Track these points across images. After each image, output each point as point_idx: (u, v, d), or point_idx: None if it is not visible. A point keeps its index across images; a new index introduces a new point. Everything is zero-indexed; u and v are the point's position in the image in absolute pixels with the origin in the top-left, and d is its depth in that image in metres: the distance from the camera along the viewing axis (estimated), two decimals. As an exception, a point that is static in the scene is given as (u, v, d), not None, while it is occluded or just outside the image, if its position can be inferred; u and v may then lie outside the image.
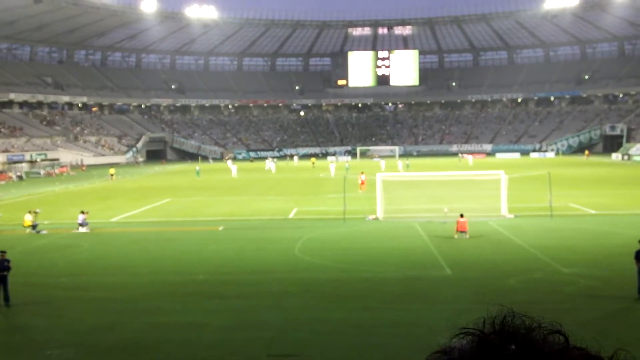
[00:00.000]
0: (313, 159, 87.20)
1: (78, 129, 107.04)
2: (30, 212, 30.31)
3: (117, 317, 16.11)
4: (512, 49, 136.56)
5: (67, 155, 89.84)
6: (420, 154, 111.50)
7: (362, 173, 47.81)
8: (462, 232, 25.71)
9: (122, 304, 17.42)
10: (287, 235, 27.63)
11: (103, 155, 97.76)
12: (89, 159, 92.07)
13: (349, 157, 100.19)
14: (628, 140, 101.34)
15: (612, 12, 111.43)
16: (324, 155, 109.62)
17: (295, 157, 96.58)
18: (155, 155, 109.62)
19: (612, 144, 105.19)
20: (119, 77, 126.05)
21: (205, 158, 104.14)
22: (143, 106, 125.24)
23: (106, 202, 43.15)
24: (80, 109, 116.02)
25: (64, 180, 65.13)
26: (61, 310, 16.91)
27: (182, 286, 19.19)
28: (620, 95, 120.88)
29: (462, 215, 26.09)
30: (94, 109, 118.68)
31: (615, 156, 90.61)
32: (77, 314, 16.56)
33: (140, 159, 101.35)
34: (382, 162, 74.19)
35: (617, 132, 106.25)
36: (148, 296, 18.17)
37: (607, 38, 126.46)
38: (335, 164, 71.34)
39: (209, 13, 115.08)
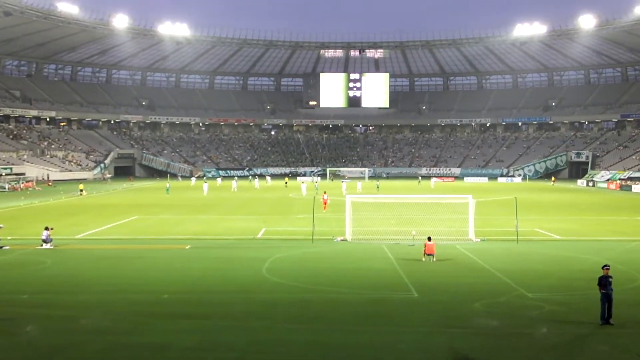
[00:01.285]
0: (286, 179, 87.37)
1: (45, 143, 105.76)
2: (-8, 227, 29.75)
3: (79, 336, 15.82)
4: (481, 75, 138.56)
5: (33, 170, 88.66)
6: (389, 176, 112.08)
7: (325, 193, 48.12)
8: (429, 255, 25.86)
9: (85, 322, 17.13)
10: (255, 255, 27.48)
11: (70, 170, 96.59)
12: (56, 174, 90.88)
13: (319, 178, 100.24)
14: (593, 167, 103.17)
15: (578, 41, 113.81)
16: (293, 175, 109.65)
17: (268, 177, 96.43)
18: (123, 171, 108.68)
19: (577, 170, 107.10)
20: (89, 93, 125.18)
21: (174, 176, 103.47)
22: (112, 122, 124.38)
23: (72, 218, 42.55)
24: (48, 123, 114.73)
25: (29, 195, 64.17)
26: (22, 328, 16.58)
27: (147, 305, 18.93)
28: (586, 123, 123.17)
29: (429, 239, 26.29)
30: (62, 123, 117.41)
31: (581, 182, 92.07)
32: (38, 332, 16.26)
33: (108, 175, 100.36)
34: (359, 184, 74.76)
35: (583, 158, 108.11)
36: (111, 315, 17.87)
37: (573, 66, 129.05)
38: (307, 184, 71.50)
39: (181, 31, 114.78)
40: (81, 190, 65.58)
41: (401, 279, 22.62)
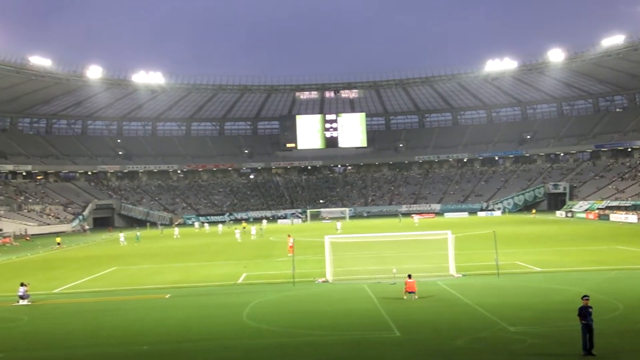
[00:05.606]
0: (244, 223, 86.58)
1: (22, 198, 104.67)
2: (-33, 285, 29.22)
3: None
4: (455, 111, 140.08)
5: (11, 226, 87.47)
6: (370, 215, 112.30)
7: (290, 236, 47.37)
8: (410, 292, 25.74)
9: (62, 379, 16.76)
10: (236, 300, 27.22)
11: (48, 224, 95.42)
12: (34, 228, 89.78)
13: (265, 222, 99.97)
14: (571, 198, 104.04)
15: (549, 74, 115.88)
16: (274, 218, 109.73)
17: (264, 221, 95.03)
18: (102, 222, 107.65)
19: (556, 202, 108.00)
20: (65, 145, 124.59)
21: (153, 224, 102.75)
22: (90, 173, 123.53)
23: (49, 272, 41.95)
24: (24, 177, 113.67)
25: (7, 251, 63.27)
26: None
27: (125, 358, 18.60)
28: (561, 154, 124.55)
29: (409, 276, 26.19)
30: (39, 177, 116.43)
31: (559, 213, 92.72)
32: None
33: (87, 227, 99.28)
34: (339, 224, 74.96)
35: (560, 190, 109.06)
36: (89, 370, 17.52)
37: (546, 99, 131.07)
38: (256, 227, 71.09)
39: (156, 79, 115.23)
40: (58, 244, 64.93)
41: (383, 318, 22.47)
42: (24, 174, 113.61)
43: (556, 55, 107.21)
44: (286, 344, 19.51)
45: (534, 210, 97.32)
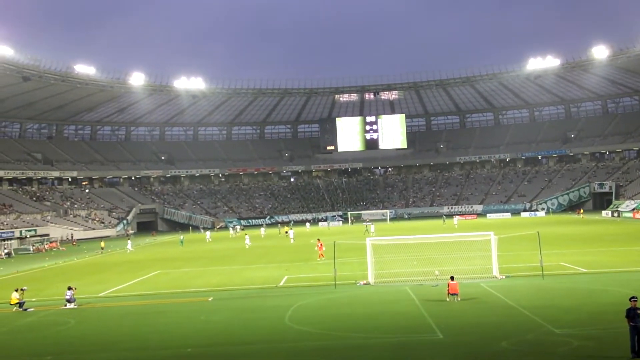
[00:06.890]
0: (286, 227, 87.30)
1: (68, 203, 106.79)
2: (17, 290, 29.93)
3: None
4: (497, 110, 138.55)
5: (57, 231, 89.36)
6: (411, 217, 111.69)
7: (319, 239, 47.30)
8: (453, 294, 25.52)
9: (108, 381, 17.01)
10: (278, 303, 27.31)
11: (93, 229, 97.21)
12: (79, 233, 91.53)
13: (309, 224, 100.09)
14: (617, 197, 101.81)
15: (593, 71, 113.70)
16: (315, 221, 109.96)
17: (307, 224, 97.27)
18: (146, 226, 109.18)
19: (601, 201, 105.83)
20: (109, 151, 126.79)
21: (196, 228, 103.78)
22: (133, 178, 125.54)
23: (95, 276, 42.68)
24: (70, 183, 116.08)
25: (54, 255, 64.57)
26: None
27: (170, 361, 18.82)
28: (607, 153, 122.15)
29: (452, 278, 25.98)
30: (84, 183, 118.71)
31: (605, 213, 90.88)
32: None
33: (131, 231, 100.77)
34: (372, 226, 74.64)
35: (606, 189, 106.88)
36: (134, 372, 17.75)
37: (590, 97, 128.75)
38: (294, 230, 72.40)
39: (197, 84, 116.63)
40: (102, 248, 66.13)
41: (425, 320, 22.32)
42: (70, 180, 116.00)
43: (600, 52, 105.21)
44: (331, 347, 19.48)
45: (581, 210, 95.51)
